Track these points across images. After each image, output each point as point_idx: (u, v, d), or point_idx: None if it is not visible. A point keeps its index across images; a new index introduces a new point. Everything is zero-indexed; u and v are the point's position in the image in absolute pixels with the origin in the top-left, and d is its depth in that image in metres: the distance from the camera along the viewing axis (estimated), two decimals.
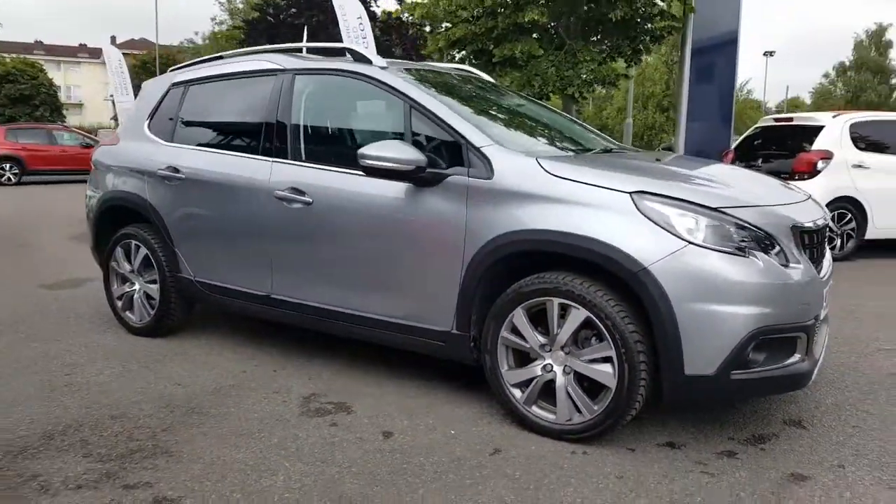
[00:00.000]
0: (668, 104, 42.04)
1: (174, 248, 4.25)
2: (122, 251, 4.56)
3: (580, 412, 2.95)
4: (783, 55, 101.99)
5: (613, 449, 2.95)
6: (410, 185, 3.27)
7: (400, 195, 3.30)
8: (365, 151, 3.19)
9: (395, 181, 3.28)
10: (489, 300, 3.15)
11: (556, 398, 3.01)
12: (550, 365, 3.01)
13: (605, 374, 2.86)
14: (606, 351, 2.84)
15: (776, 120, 9.06)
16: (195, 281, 4.20)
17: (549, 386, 3.04)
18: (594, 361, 2.89)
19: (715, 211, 2.79)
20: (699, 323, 2.69)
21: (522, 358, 3.12)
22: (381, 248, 3.41)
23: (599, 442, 2.98)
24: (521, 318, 3.03)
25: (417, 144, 3.32)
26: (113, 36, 62.39)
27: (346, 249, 3.53)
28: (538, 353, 3.03)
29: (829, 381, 3.74)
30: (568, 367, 2.97)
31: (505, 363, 3.13)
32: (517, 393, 3.11)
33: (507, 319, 3.07)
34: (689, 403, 3.31)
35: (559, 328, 2.95)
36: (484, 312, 3.17)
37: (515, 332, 3.07)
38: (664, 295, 2.69)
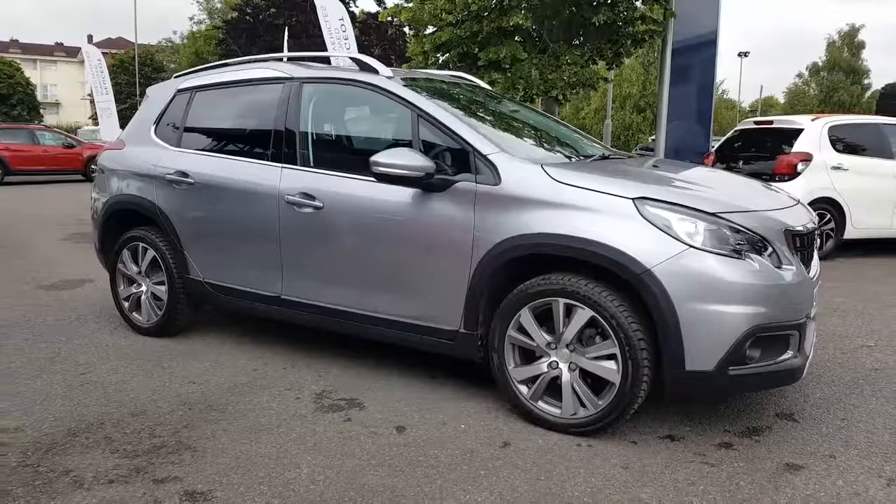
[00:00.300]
0: (644, 104, 42.53)
1: (183, 250, 4.35)
2: (129, 253, 4.65)
3: (585, 407, 3.11)
4: (757, 54, 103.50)
5: (617, 441, 3.11)
6: (419, 190, 3.41)
7: (409, 200, 3.43)
8: (377, 159, 3.32)
9: (404, 187, 3.42)
10: (496, 300, 3.30)
11: (561, 394, 3.17)
12: (556, 362, 3.17)
13: (609, 370, 3.02)
14: (610, 348, 3.00)
15: (756, 123, 9.31)
16: (204, 282, 4.30)
17: (554, 382, 3.20)
18: (599, 358, 3.05)
19: (712, 216, 2.96)
20: (699, 321, 2.86)
21: (528, 356, 3.28)
22: (391, 250, 3.55)
23: (603, 435, 3.14)
24: (527, 317, 3.19)
25: (425, 152, 3.45)
26: (90, 35, 61.78)
27: (356, 252, 3.66)
28: (544, 350, 3.19)
29: (816, 376, 3.94)
30: (573, 364, 3.13)
31: (512, 361, 3.29)
32: (524, 389, 3.27)
33: (513, 319, 3.22)
34: (689, 398, 3.50)
35: (565, 327, 3.11)
36: (491, 312, 3.32)
37: (522, 330, 3.22)
38: (666, 295, 2.85)
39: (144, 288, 4.64)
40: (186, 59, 54.23)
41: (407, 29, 36.17)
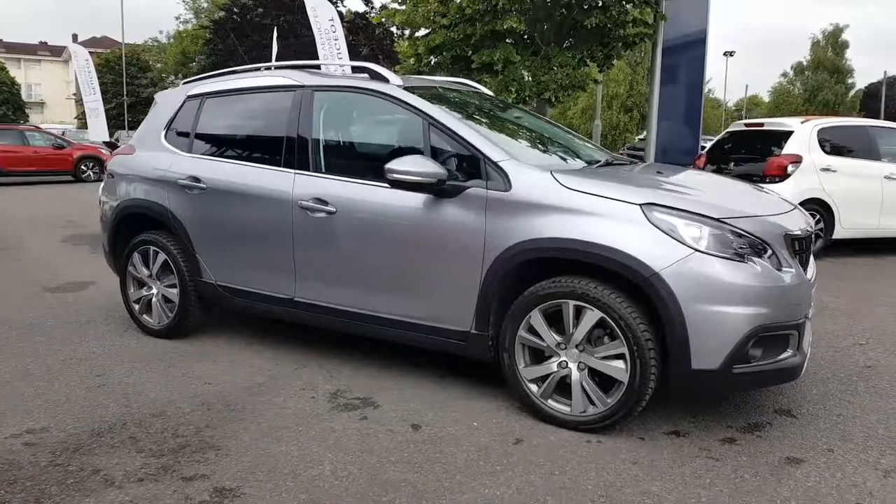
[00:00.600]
0: (631, 104, 42.80)
1: (195, 253, 4.44)
2: (139, 257, 4.74)
3: (594, 405, 3.24)
4: (742, 54, 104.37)
5: (625, 438, 3.24)
6: (430, 196, 3.53)
7: (421, 206, 3.55)
8: (392, 166, 3.43)
9: (417, 193, 3.53)
10: (506, 302, 3.42)
11: (570, 392, 3.29)
12: (566, 362, 3.29)
13: (618, 369, 3.15)
14: (619, 348, 3.13)
15: (747, 125, 9.49)
16: (217, 285, 4.39)
17: (563, 381, 3.32)
18: (608, 358, 3.18)
19: (717, 221, 3.10)
20: (705, 322, 3.00)
21: (538, 355, 3.40)
22: (403, 254, 3.66)
23: (611, 432, 3.27)
24: (537, 318, 3.31)
25: (436, 158, 3.57)
26: (74, 34, 61.39)
27: (369, 255, 3.77)
28: (554, 350, 3.32)
29: (811, 373, 4.08)
30: (582, 363, 3.25)
31: (522, 361, 3.41)
32: (534, 388, 3.39)
33: (524, 320, 3.34)
34: (694, 395, 3.64)
35: (574, 328, 3.23)
36: (501, 314, 3.44)
37: (532, 331, 3.34)
38: (674, 297, 2.99)
39: (155, 291, 4.72)
40: (173, 58, 53.99)
41: (395, 29, 36.35)
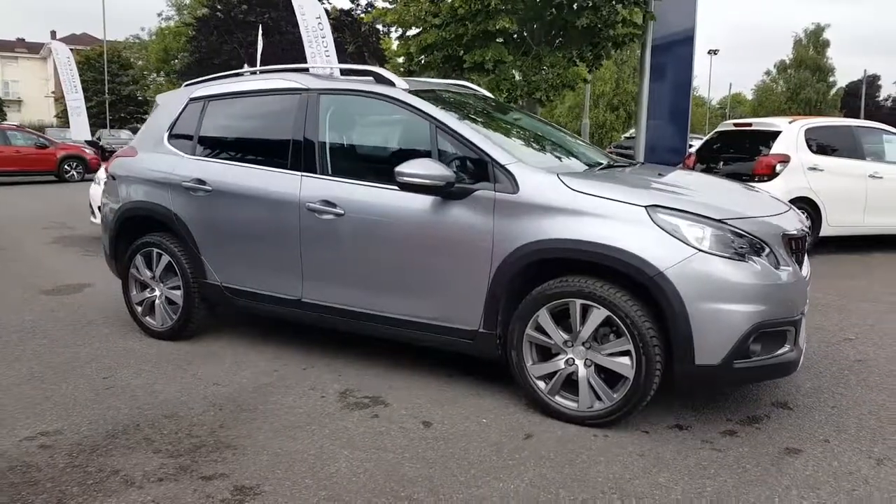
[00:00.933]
0: (618, 103, 43.08)
1: (200, 255, 4.48)
2: (142, 259, 4.77)
3: (601, 400, 3.34)
4: (725, 52, 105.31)
5: (630, 432, 3.34)
6: (438, 198, 3.60)
7: (429, 208, 3.62)
8: (402, 169, 3.50)
9: (425, 195, 3.61)
10: (513, 301, 3.51)
11: (577, 388, 3.39)
12: (572, 359, 3.38)
13: (624, 365, 3.25)
14: (625, 345, 3.23)
15: (736, 125, 9.63)
16: (222, 286, 4.44)
17: (570, 378, 3.42)
18: (614, 355, 3.28)
19: (718, 222, 3.20)
20: (708, 319, 3.10)
21: (545, 353, 3.49)
22: (412, 255, 3.73)
23: (617, 426, 3.36)
24: (545, 317, 3.40)
25: (443, 161, 3.64)
26: (53, 30, 60.74)
27: (378, 256, 3.84)
28: (561, 348, 3.41)
29: (805, 368, 4.18)
30: (589, 360, 3.34)
31: (530, 358, 3.50)
32: (541, 384, 3.48)
33: (532, 319, 3.43)
34: (697, 389, 3.75)
35: (581, 326, 3.32)
36: (509, 312, 3.53)
37: (540, 330, 3.43)
38: (678, 296, 3.09)
39: (158, 293, 4.75)
40: (155, 55, 53.64)
41: (381, 27, 36.34)
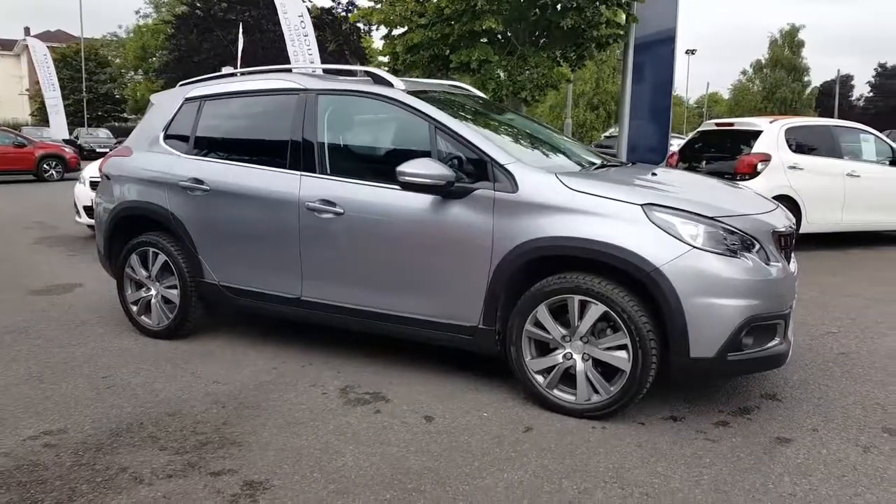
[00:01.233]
0: (597, 102, 43.41)
1: (197, 254, 4.51)
2: (137, 258, 4.79)
3: (598, 393, 3.43)
4: (703, 52, 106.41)
5: (626, 424, 3.43)
6: (438, 197, 3.67)
7: (429, 207, 3.69)
8: (403, 169, 3.57)
9: (425, 194, 3.67)
10: (512, 298, 3.59)
11: (574, 382, 3.47)
12: (570, 353, 3.47)
13: (621, 359, 3.34)
14: (622, 340, 3.32)
15: (717, 125, 9.81)
16: (220, 285, 4.48)
17: (567, 372, 3.50)
18: (611, 349, 3.37)
19: (711, 219, 3.30)
20: (702, 314, 3.20)
21: (543, 348, 3.57)
22: (412, 253, 3.80)
23: (614, 418, 3.46)
24: (544, 313, 3.48)
25: (442, 160, 3.71)
26: (27, 27, 59.80)
27: (378, 254, 3.90)
28: (559, 343, 3.49)
29: (791, 361, 4.25)
30: (586, 354, 3.43)
31: (528, 353, 3.58)
32: (540, 379, 3.56)
33: (531, 315, 3.51)
34: (691, 381, 3.86)
35: (579, 321, 3.41)
36: (508, 309, 3.61)
37: (539, 325, 3.51)
38: (673, 291, 3.19)
39: (154, 292, 4.78)
40: (133, 53, 53.15)
41: (361, 25, 36.29)
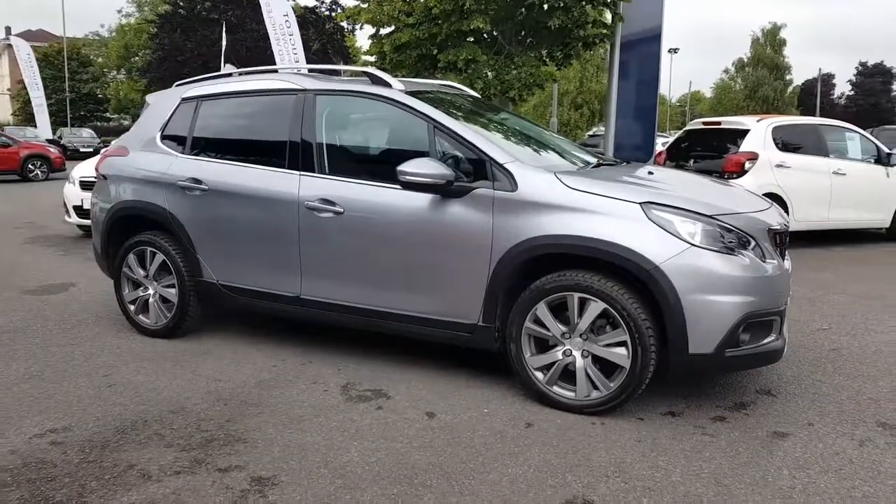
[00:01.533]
0: (581, 101, 43.56)
1: (196, 253, 4.52)
2: (135, 258, 4.79)
3: (598, 389, 3.48)
4: (685, 50, 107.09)
5: (626, 419, 3.49)
6: (437, 196, 3.71)
7: (429, 206, 3.73)
8: (404, 168, 3.61)
9: (424, 193, 3.71)
10: (512, 296, 3.64)
11: (574, 378, 3.53)
12: (570, 350, 3.52)
13: (620, 355, 3.40)
14: (621, 336, 3.38)
15: (705, 123, 9.92)
16: (219, 284, 4.49)
17: (566, 368, 3.56)
18: (611, 346, 3.42)
19: (709, 217, 3.37)
20: (701, 310, 3.26)
21: (543, 345, 3.62)
22: (412, 251, 3.83)
23: (613, 414, 3.51)
24: (543, 310, 3.53)
25: (441, 160, 3.75)
26: (8, 26, 59.06)
27: (377, 253, 3.93)
28: (559, 340, 3.54)
29: (784, 357, 4.38)
30: (586, 351, 3.49)
31: (528, 350, 3.63)
32: (539, 375, 3.61)
33: (531, 312, 3.56)
34: (689, 377, 3.93)
35: (579, 318, 3.46)
36: (507, 306, 3.65)
37: (538, 322, 3.56)
38: (672, 288, 3.25)
39: (152, 291, 4.78)
40: (116, 52, 52.64)
41: (345, 24, 36.20)
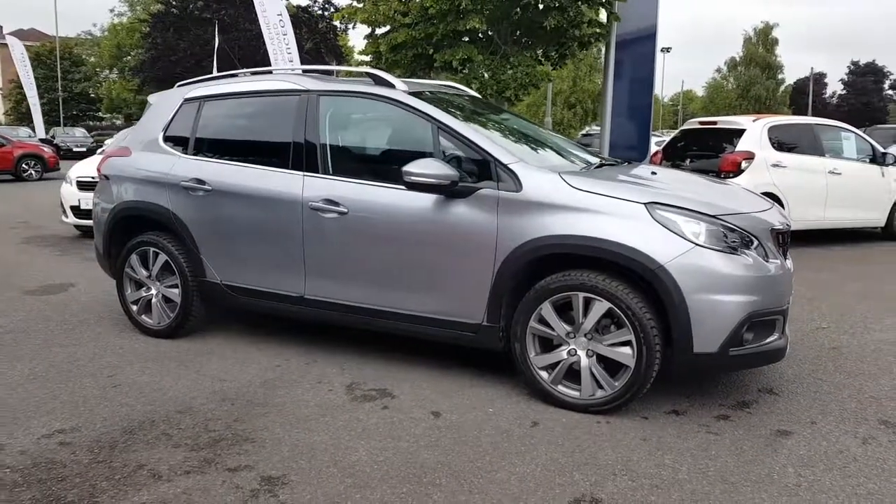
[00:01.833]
0: (574, 101, 43.66)
1: (199, 254, 4.53)
2: (137, 258, 4.79)
3: (602, 388, 3.51)
4: (677, 49, 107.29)
5: (630, 418, 3.52)
6: (441, 196, 3.73)
7: (433, 206, 3.75)
8: (409, 169, 3.62)
9: (429, 194, 3.73)
10: (516, 295, 3.66)
11: (579, 378, 3.55)
12: (575, 349, 3.55)
13: (625, 355, 3.42)
14: (626, 336, 3.40)
15: (701, 123, 9.97)
16: (222, 284, 4.50)
17: (571, 368, 3.58)
18: (615, 345, 3.45)
19: (713, 217, 3.40)
20: (705, 310, 3.29)
21: (547, 344, 3.65)
22: (416, 251, 3.85)
23: (618, 413, 3.54)
24: (548, 310, 3.56)
25: (445, 160, 3.77)
26: (0, 26, 58.83)
27: (382, 253, 3.95)
28: (563, 339, 3.57)
29: (786, 356, 4.44)
30: (591, 350, 3.51)
31: (533, 350, 3.65)
32: (544, 374, 3.64)
33: (535, 312, 3.58)
34: (694, 376, 3.96)
35: (584, 318, 3.49)
36: (512, 306, 3.67)
37: (543, 322, 3.59)
38: (677, 288, 3.27)
39: (155, 291, 4.79)
40: (108, 52, 52.49)
41: (338, 23, 36.17)
